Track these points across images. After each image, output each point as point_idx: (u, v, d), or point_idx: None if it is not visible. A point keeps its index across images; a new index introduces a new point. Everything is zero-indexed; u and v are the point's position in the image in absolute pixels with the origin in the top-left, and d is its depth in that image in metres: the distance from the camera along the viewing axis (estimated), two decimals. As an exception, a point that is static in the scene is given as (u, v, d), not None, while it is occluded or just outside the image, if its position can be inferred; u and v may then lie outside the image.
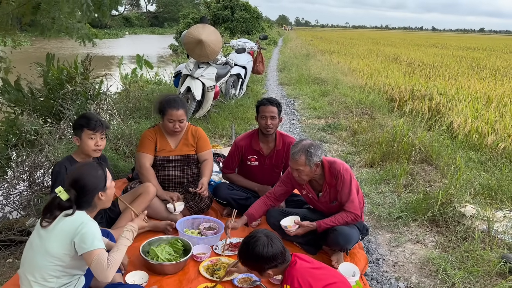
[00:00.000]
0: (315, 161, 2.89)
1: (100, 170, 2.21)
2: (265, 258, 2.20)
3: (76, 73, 5.88)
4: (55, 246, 2.03)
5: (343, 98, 9.00)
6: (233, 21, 30.56)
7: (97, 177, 2.18)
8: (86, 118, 2.99)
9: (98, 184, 2.17)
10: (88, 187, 2.13)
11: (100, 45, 33.88)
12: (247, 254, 2.26)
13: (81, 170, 2.19)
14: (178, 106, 3.46)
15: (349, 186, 2.96)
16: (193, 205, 3.55)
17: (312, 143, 2.93)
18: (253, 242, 2.23)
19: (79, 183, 2.13)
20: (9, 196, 4.27)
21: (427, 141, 5.49)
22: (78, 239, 2.02)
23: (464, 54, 23.26)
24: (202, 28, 6.06)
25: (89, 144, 2.95)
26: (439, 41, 44.70)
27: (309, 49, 24.52)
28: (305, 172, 2.93)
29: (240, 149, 3.74)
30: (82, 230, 2.03)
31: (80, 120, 3.00)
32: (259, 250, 2.20)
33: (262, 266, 2.25)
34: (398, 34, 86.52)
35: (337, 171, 2.97)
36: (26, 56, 6.51)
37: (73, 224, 2.04)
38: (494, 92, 8.84)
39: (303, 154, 2.86)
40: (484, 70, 14.37)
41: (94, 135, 2.96)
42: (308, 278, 2.17)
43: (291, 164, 2.95)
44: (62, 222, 2.06)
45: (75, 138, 2.99)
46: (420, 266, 3.23)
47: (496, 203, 3.98)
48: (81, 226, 2.03)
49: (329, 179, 3.02)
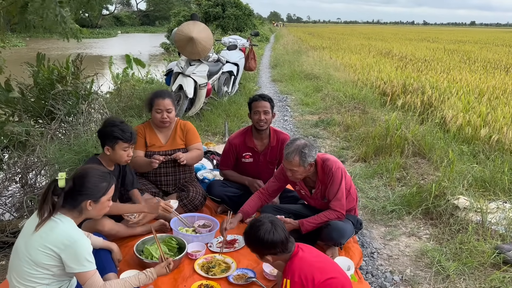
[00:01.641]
0: (309, 162, 2.89)
1: (106, 183, 2.14)
2: (266, 243, 2.22)
3: (67, 72, 5.84)
4: (41, 258, 1.96)
5: (336, 94, 9.01)
6: (224, 19, 30.47)
7: (98, 186, 2.11)
8: (120, 130, 2.86)
9: (95, 193, 2.10)
10: (84, 189, 2.07)
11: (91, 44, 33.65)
12: (250, 236, 2.30)
13: (91, 171, 2.14)
14: (164, 96, 3.46)
15: (339, 185, 2.95)
16: (187, 203, 3.54)
17: (306, 143, 2.90)
18: (257, 226, 2.27)
19: (80, 180, 2.08)
20: (1, 198, 4.24)
21: (419, 134, 5.50)
22: (66, 257, 1.97)
23: (455, 47, 23.35)
24: (192, 25, 6.03)
25: (122, 155, 2.90)
26: (430, 35, 44.84)
27: (301, 45, 24.50)
28: (299, 172, 2.92)
29: (234, 147, 3.73)
30: (70, 248, 1.96)
31: (113, 131, 2.85)
32: (260, 235, 2.23)
33: (262, 250, 2.27)
34: (389, 28, 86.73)
35: (329, 168, 2.97)
36: (19, 57, 6.45)
37: (60, 239, 1.96)
38: (486, 84, 8.88)
39: (297, 155, 2.85)
40: (476, 63, 14.43)
41: (128, 148, 2.91)
42: (308, 272, 2.17)
43: (285, 164, 2.94)
44: (49, 231, 1.97)
45: (106, 148, 2.87)
46: (415, 259, 3.24)
47: (489, 195, 4.00)
48: (70, 244, 1.96)
49: (322, 177, 3.02)
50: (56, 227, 1.98)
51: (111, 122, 2.92)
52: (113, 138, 2.84)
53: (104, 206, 2.17)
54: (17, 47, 26.75)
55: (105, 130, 2.88)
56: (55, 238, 1.96)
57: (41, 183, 4.45)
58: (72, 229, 2.02)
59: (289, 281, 2.15)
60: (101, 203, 2.14)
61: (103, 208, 2.17)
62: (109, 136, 2.86)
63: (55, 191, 2.02)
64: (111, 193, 2.18)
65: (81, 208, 2.09)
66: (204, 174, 4.28)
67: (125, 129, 2.88)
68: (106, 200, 2.16)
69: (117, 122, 2.92)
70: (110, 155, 2.89)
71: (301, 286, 2.13)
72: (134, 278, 2.24)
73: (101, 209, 2.17)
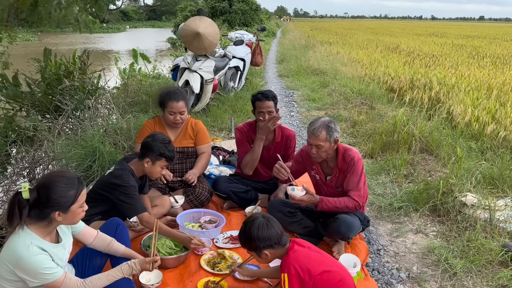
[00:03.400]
0: (335, 137, 2.90)
1: (74, 190, 1.98)
2: (260, 237, 2.25)
3: (74, 68, 5.86)
4: (3, 269, 1.90)
5: (343, 89, 8.96)
6: (231, 13, 30.38)
7: (65, 195, 1.95)
8: (168, 150, 2.85)
9: (62, 203, 1.95)
10: (50, 200, 1.93)
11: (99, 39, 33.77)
12: (244, 233, 2.32)
13: (56, 179, 1.99)
14: (178, 98, 3.45)
15: (359, 176, 2.95)
16: (193, 199, 3.54)
17: (330, 119, 2.95)
18: (251, 221, 2.31)
19: (45, 191, 1.94)
20: (9, 193, 4.26)
21: (427, 130, 5.47)
22: (21, 274, 1.89)
23: (464, 42, 23.13)
24: (199, 21, 6.02)
25: (158, 172, 2.90)
26: (438, 30, 44.44)
27: (308, 40, 24.39)
28: (324, 148, 2.91)
29: (245, 134, 3.72)
30: (18, 265, 1.87)
31: (161, 148, 2.84)
32: (254, 230, 2.26)
33: (257, 245, 2.27)
34: (397, 23, 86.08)
35: (351, 158, 2.97)
36: (31, 51, 6.49)
37: (11, 255, 1.88)
38: (495, 80, 8.78)
39: (324, 129, 2.86)
40: (484, 58, 14.28)
41: (166, 166, 2.92)
42: (305, 263, 2.17)
43: (311, 140, 2.92)
44: (6, 246, 1.90)
45: (147, 160, 2.85)
46: (422, 256, 3.22)
47: (498, 192, 3.97)
48: (16, 261, 1.87)
49: (341, 164, 3.01)
50: (12, 241, 1.91)
51: (161, 139, 2.90)
52: (159, 155, 2.84)
53: (76, 213, 2.03)
54: (30, 42, 27.20)
55: (153, 145, 2.86)
56: (8, 254, 1.90)
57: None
58: (21, 246, 1.89)
59: (286, 274, 2.16)
60: (72, 212, 2.00)
61: (76, 216, 2.05)
62: (155, 151, 2.84)
63: (20, 203, 1.91)
64: (82, 199, 2.04)
65: (51, 219, 1.97)
66: (211, 169, 4.28)
67: (172, 149, 2.90)
68: (78, 208, 2.02)
69: (166, 140, 2.92)
70: (146, 168, 2.88)
71: (298, 277, 2.13)
72: (116, 270, 2.21)
73: (73, 217, 2.04)
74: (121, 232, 2.57)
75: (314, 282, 2.12)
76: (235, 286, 2.64)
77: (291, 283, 2.14)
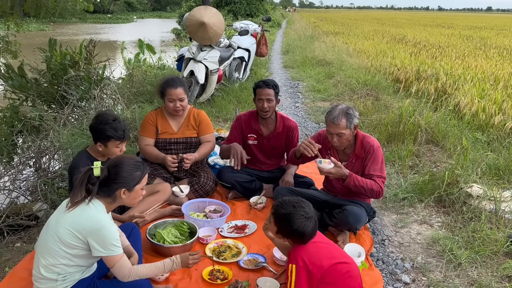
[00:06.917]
0: (355, 123, 2.90)
1: (140, 172, 2.18)
2: (294, 229, 2.18)
3: (79, 58, 5.86)
4: (67, 236, 2.01)
5: (348, 80, 8.91)
6: (236, 4, 30.18)
7: (132, 175, 2.15)
8: (113, 129, 2.78)
9: (129, 181, 2.14)
10: (119, 178, 2.11)
11: (104, 30, 33.77)
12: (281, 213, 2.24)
13: (125, 161, 2.18)
14: (176, 85, 3.45)
15: (381, 163, 2.94)
16: (198, 189, 3.55)
17: (348, 106, 2.93)
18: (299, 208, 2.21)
19: (115, 169, 2.13)
20: (16, 182, 4.30)
21: (433, 121, 5.44)
22: (93, 241, 2.02)
23: (471, 33, 22.89)
24: (204, 10, 5.98)
25: (115, 151, 2.87)
26: (445, 21, 44.01)
27: (314, 31, 24.24)
28: (345, 136, 2.90)
29: (241, 123, 3.73)
30: (96, 232, 2.01)
31: (106, 129, 2.77)
32: (295, 221, 2.18)
33: (284, 230, 2.24)
34: (403, 14, 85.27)
35: (370, 145, 2.96)
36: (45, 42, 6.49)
37: (88, 223, 2.02)
38: (502, 71, 8.70)
39: (344, 117, 2.85)
40: (491, 49, 14.14)
41: (121, 144, 2.88)
42: (314, 256, 2.17)
43: (331, 129, 2.90)
44: (80, 214, 2.03)
45: (99, 144, 2.82)
46: (426, 247, 3.23)
47: (503, 183, 3.95)
48: (97, 228, 2.01)
49: (359, 151, 3.00)
50: (87, 211, 2.04)
51: (104, 119, 2.82)
52: (106, 137, 2.79)
53: (138, 194, 2.21)
54: (44, 31, 27.72)
55: (98, 128, 2.81)
56: (83, 222, 2.02)
57: (54, 167, 4.51)
58: (101, 214, 2.07)
59: (295, 266, 2.15)
60: (135, 192, 2.18)
61: (137, 197, 2.22)
62: (102, 134, 2.80)
63: (90, 180, 2.08)
64: (144, 182, 2.22)
65: (115, 196, 2.14)
66: (215, 160, 4.29)
67: (118, 128, 2.80)
68: (140, 189, 2.20)
69: (109, 120, 2.82)
70: (103, 151, 2.87)
71: (306, 270, 2.13)
72: (160, 264, 2.26)
73: (135, 198, 2.21)
74: (135, 235, 2.62)
75: (322, 275, 2.13)
76: (240, 274, 2.66)
77: (298, 275, 2.14)
